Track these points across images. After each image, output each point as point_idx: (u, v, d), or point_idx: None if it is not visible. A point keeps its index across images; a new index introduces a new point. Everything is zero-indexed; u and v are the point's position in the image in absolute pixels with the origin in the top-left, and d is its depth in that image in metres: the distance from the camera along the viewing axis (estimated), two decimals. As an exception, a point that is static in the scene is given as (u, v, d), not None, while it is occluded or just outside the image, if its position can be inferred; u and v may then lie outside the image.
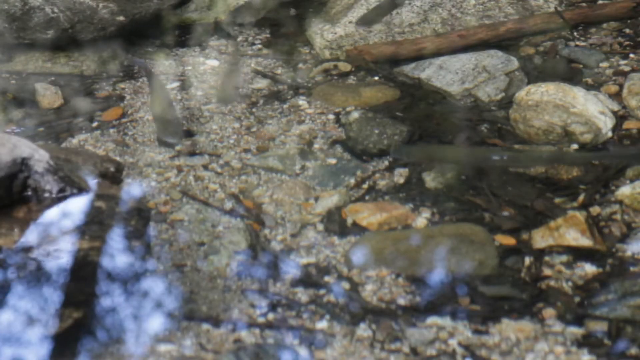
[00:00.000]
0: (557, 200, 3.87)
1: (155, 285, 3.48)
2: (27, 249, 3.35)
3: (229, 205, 3.89)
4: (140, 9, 4.87)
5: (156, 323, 3.35)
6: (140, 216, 3.51)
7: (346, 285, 3.54)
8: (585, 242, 3.65)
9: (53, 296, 3.26)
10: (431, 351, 3.28)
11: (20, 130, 4.30)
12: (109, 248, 3.50)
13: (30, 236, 3.40)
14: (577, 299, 3.46)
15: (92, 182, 3.64)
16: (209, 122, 4.35)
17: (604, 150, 4.06)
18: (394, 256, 3.64)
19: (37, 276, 3.28)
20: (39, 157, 3.46)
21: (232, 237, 3.73)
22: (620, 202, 3.84)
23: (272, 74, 4.67)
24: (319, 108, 4.43)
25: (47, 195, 3.46)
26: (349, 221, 3.82)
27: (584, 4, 4.98)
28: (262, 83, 4.61)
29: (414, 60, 4.65)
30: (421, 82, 4.54)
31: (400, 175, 4.04)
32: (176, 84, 4.61)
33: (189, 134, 4.28)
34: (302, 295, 3.49)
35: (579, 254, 3.63)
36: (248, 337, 3.32)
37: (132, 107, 4.46)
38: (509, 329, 3.35)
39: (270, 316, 3.40)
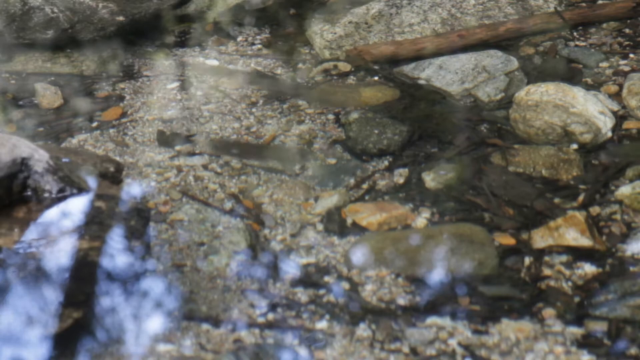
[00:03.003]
0: (557, 200, 3.87)
1: (155, 286, 3.48)
2: (27, 249, 3.35)
3: (228, 205, 3.89)
4: (140, 8, 4.87)
5: (156, 323, 3.35)
6: (140, 216, 3.52)
7: (346, 285, 3.54)
8: (585, 242, 3.65)
9: (53, 296, 3.26)
10: (431, 351, 3.28)
11: (20, 130, 4.30)
12: (108, 248, 3.50)
13: (30, 236, 3.39)
14: (576, 299, 3.46)
15: (92, 182, 3.64)
16: (208, 122, 4.35)
17: None
18: (394, 256, 3.64)
19: (37, 276, 3.28)
20: (39, 157, 3.46)
21: (232, 237, 3.73)
22: (620, 202, 3.84)
23: (272, 74, 4.68)
24: (319, 108, 4.43)
25: (46, 195, 3.46)
26: (349, 221, 3.82)
27: (583, 4, 4.98)
28: (261, 83, 4.61)
29: (414, 60, 4.65)
30: (421, 82, 4.54)
31: (400, 175, 4.04)
32: (176, 84, 4.61)
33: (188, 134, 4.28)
34: (302, 295, 3.49)
35: (578, 254, 3.63)
36: (248, 337, 3.33)
37: (132, 107, 4.46)
38: (509, 329, 3.35)
39: (270, 316, 3.40)
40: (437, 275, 3.56)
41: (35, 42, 4.74)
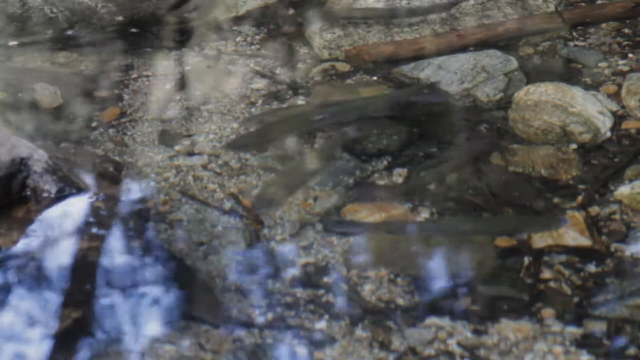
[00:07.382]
0: (556, 200, 3.87)
1: (153, 286, 3.48)
2: (26, 249, 3.36)
3: (228, 205, 3.89)
4: (139, 8, 4.87)
5: (155, 323, 3.35)
6: (139, 216, 3.52)
7: (345, 285, 3.54)
8: (584, 242, 3.65)
9: (52, 296, 3.26)
10: (430, 351, 3.28)
11: (19, 130, 4.30)
12: (107, 248, 3.50)
13: (29, 236, 3.40)
14: (576, 299, 3.46)
15: (91, 182, 3.64)
16: (207, 122, 4.35)
17: None
18: (393, 256, 3.64)
19: (36, 276, 3.28)
20: (38, 157, 3.46)
21: (231, 237, 3.73)
22: (620, 202, 3.84)
23: (271, 73, 4.67)
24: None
25: (46, 195, 3.47)
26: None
27: (583, 4, 4.98)
28: (260, 83, 4.61)
29: (413, 60, 4.65)
30: (420, 82, 4.54)
31: (399, 175, 4.04)
32: (175, 84, 4.61)
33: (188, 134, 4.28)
34: (301, 295, 3.49)
35: (578, 253, 3.63)
36: (247, 337, 3.32)
37: (131, 107, 4.46)
38: (508, 328, 3.35)
39: (269, 316, 3.40)
40: (436, 275, 3.56)
41: (34, 42, 4.74)
